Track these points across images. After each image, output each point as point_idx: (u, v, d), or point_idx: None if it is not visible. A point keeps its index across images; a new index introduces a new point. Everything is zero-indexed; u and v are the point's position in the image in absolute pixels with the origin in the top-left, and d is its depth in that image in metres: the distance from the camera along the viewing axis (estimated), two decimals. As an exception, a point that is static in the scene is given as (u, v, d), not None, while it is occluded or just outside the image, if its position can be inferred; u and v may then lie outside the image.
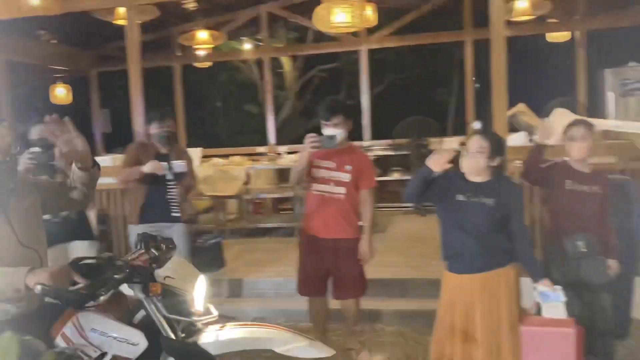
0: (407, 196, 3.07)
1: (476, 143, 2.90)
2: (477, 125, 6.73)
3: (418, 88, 16.45)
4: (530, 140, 5.11)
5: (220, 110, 16.22)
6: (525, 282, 3.01)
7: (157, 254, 2.17)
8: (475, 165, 2.90)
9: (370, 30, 8.01)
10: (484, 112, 4.15)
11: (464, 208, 2.90)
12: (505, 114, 4.12)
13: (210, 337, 2.09)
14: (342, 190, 3.40)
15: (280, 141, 9.13)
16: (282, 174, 7.26)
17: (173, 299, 2.10)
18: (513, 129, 5.31)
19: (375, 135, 8.54)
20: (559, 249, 3.25)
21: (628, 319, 3.88)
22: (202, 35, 7.80)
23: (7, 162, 2.08)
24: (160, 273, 2.13)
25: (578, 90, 8.15)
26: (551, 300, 2.87)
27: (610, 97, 7.07)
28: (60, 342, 2.00)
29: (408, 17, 8.28)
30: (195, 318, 2.12)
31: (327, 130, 3.33)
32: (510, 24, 7.29)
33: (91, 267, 1.99)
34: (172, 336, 2.05)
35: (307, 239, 3.60)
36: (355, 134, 8.68)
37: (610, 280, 3.28)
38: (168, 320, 2.06)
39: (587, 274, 3.22)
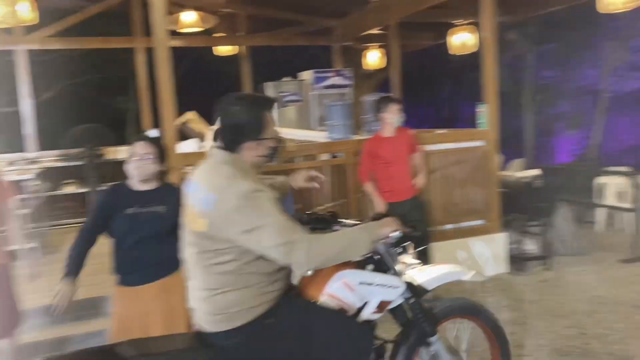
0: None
1: (142, 149, 2.87)
2: (154, 133, 6.68)
3: (94, 94, 15.51)
4: (201, 147, 5.36)
5: None
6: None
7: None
8: (143, 171, 2.86)
9: (30, 29, 7.16)
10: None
11: (136, 220, 2.84)
12: (173, 122, 4.19)
13: (422, 276, 2.46)
14: None
15: None
16: None
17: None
18: (184, 136, 5.47)
19: (44, 146, 7.69)
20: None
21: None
22: None
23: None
24: None
25: (245, 100, 8.91)
26: None
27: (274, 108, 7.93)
28: (328, 300, 2.20)
29: (73, 19, 7.68)
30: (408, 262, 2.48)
31: None
32: (178, 34, 7.52)
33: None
34: (405, 280, 2.38)
35: None
36: (14, 145, 7.70)
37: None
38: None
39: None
